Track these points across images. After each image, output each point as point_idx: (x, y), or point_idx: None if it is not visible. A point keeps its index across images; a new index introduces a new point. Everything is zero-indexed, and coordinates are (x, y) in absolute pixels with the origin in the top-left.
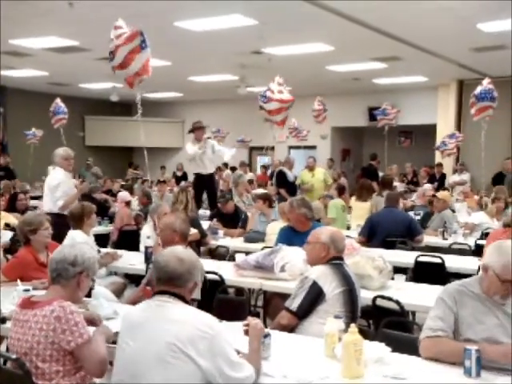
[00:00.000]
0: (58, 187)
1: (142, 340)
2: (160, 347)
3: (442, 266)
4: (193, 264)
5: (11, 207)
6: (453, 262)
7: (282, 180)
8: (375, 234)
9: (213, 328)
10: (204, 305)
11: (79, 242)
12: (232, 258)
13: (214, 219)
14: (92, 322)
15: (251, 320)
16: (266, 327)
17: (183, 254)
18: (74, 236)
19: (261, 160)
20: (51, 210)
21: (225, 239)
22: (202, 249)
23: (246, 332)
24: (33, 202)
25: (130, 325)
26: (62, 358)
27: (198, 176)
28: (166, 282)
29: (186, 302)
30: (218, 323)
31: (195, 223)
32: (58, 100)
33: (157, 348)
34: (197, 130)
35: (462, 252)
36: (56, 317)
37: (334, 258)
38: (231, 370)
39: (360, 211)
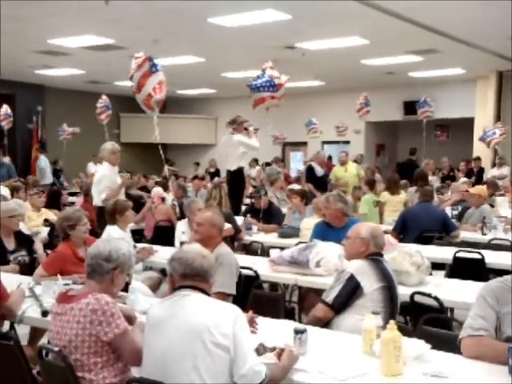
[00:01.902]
0: (101, 181)
1: (169, 335)
2: (187, 339)
3: (481, 261)
4: (213, 261)
5: (51, 203)
6: (493, 258)
7: (310, 175)
8: (408, 230)
9: (234, 312)
10: (239, 300)
11: (115, 238)
12: (266, 254)
13: (248, 215)
14: (128, 319)
15: (288, 346)
16: (300, 323)
17: (204, 252)
18: (110, 231)
19: (294, 156)
20: (96, 204)
21: (259, 235)
22: (236, 244)
23: (279, 356)
24: (70, 199)
25: (155, 322)
26: (100, 350)
27: (240, 170)
28: (192, 278)
29: (208, 296)
30: (238, 308)
31: (229, 218)
32: (105, 97)
33: (184, 340)
34: (240, 124)
35: (502, 247)
36: (92, 309)
37: (373, 254)
38: (241, 357)
39: (393, 206)
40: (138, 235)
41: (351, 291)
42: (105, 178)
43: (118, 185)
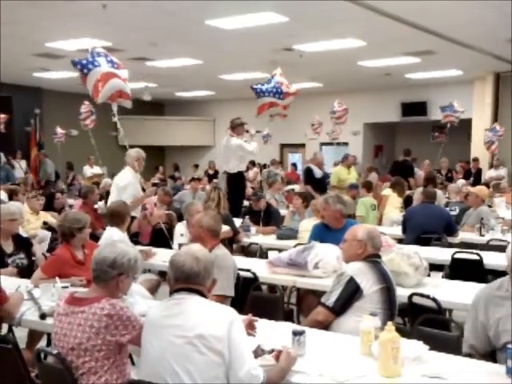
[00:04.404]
0: (125, 189)
1: (164, 338)
2: (180, 342)
3: (479, 262)
4: (209, 262)
5: (47, 206)
6: (491, 259)
7: (309, 177)
8: (408, 230)
9: (229, 316)
10: (238, 302)
11: (118, 241)
12: (265, 256)
13: (247, 216)
14: None
15: (285, 348)
16: (299, 324)
17: (199, 253)
18: (111, 234)
19: (292, 157)
20: None
21: (257, 236)
22: (235, 246)
23: (277, 358)
24: (68, 201)
25: (152, 324)
26: (108, 353)
27: (241, 173)
28: (184, 281)
29: (205, 297)
30: (234, 311)
31: (227, 220)
32: (87, 102)
33: (178, 343)
34: (239, 126)
35: (500, 248)
36: (107, 314)
37: (371, 256)
38: (238, 360)
39: (396, 203)
40: (135, 237)
41: (351, 293)
42: (130, 186)
43: (143, 196)
